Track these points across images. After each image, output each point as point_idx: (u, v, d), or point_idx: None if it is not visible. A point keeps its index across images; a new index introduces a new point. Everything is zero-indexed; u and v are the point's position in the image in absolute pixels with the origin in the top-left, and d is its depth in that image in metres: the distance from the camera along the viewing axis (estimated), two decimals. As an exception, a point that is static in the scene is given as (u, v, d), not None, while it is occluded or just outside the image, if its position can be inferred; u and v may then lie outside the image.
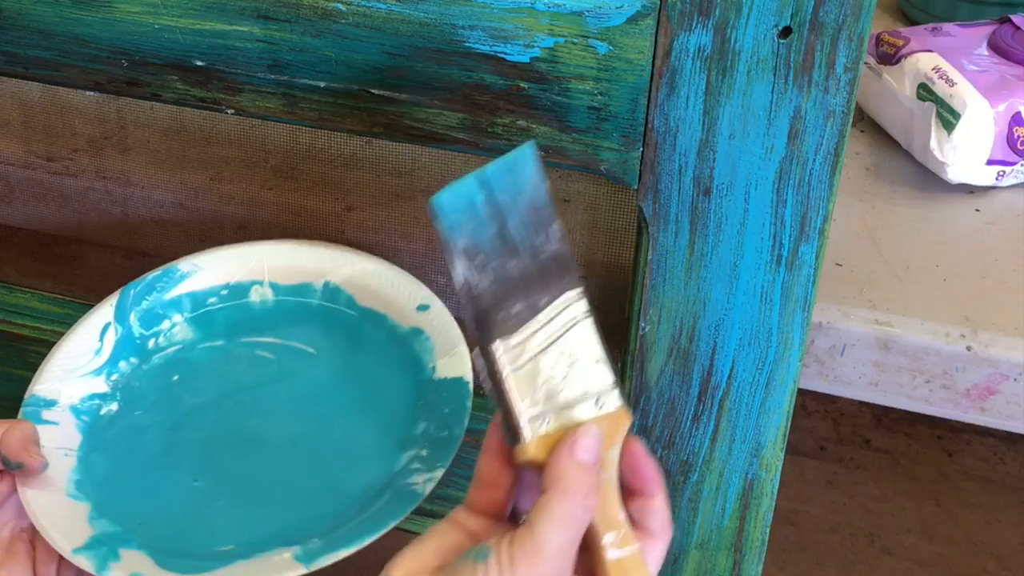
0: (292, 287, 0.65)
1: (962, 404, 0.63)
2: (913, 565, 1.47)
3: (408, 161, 0.75)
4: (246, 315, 0.65)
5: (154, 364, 0.63)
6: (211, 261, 0.66)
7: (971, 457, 1.61)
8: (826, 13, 0.49)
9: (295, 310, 0.65)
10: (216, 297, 0.65)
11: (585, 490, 0.43)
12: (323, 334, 0.64)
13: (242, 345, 0.64)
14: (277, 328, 0.64)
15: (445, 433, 0.58)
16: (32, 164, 0.80)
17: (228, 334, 0.64)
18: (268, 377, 0.62)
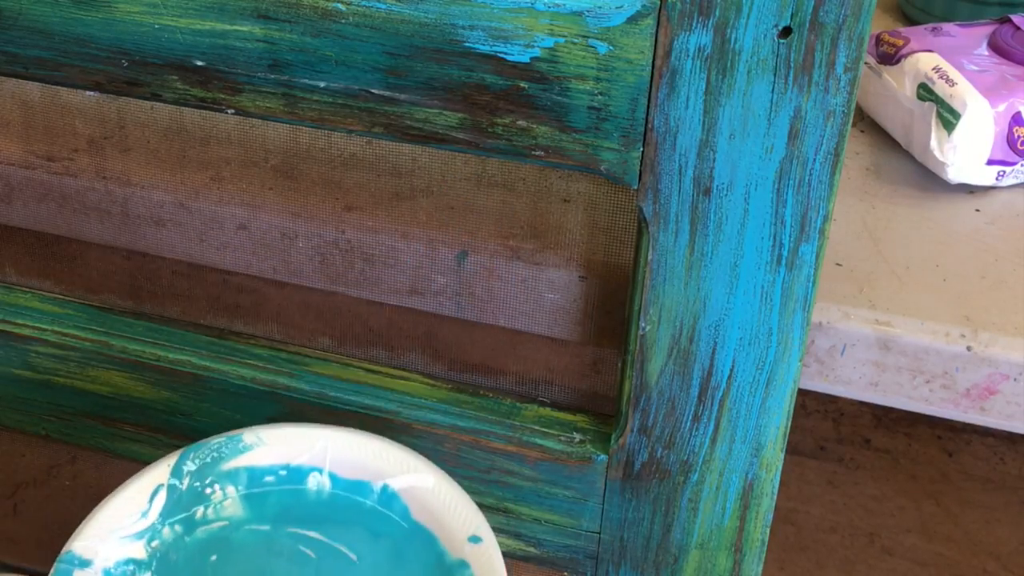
0: (350, 482, 0.63)
1: (962, 404, 0.63)
2: (913, 565, 1.47)
3: (408, 161, 0.75)
4: (299, 502, 0.63)
5: (197, 538, 0.61)
6: (276, 436, 0.63)
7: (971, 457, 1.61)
8: (826, 13, 0.49)
9: (348, 508, 0.62)
10: (274, 476, 0.63)
11: None
12: (370, 542, 0.61)
13: (287, 535, 0.62)
14: (326, 525, 0.62)
15: None
16: (32, 164, 0.80)
17: (276, 519, 0.62)
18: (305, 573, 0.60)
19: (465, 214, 0.73)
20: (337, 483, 0.63)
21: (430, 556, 0.60)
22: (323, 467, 0.63)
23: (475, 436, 0.68)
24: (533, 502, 0.69)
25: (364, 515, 0.62)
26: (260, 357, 0.73)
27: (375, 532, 0.61)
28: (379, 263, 0.73)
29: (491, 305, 0.72)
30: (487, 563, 0.58)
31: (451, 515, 0.60)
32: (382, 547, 0.61)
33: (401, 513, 0.61)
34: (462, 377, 0.78)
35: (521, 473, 0.68)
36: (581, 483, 0.67)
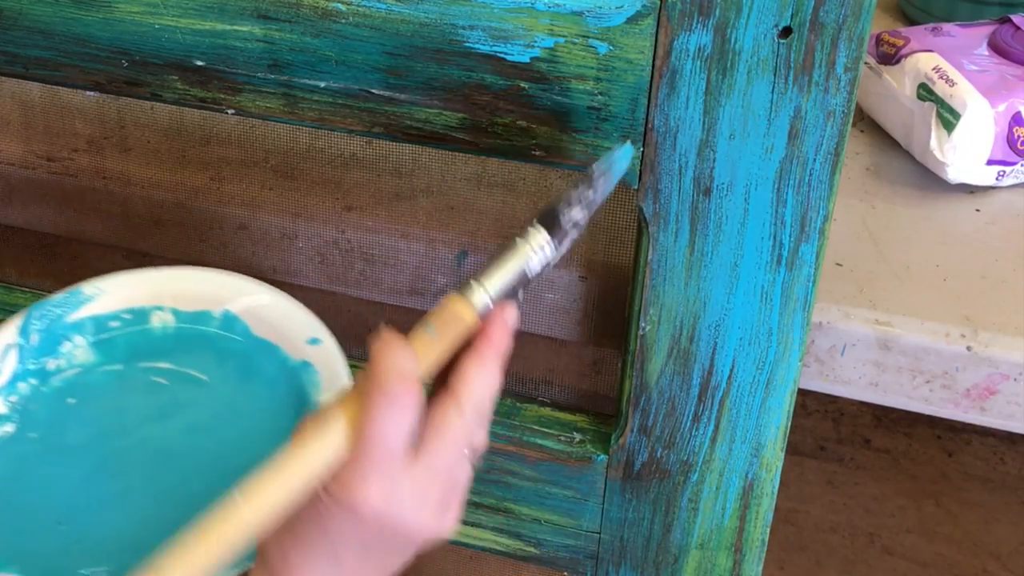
0: (192, 314, 0.66)
1: (962, 404, 0.63)
2: (913, 565, 1.47)
3: (408, 161, 0.75)
4: (146, 340, 0.66)
5: (53, 386, 0.64)
6: (115, 285, 0.67)
7: (971, 457, 1.61)
8: (826, 13, 0.49)
9: (193, 337, 0.66)
10: (118, 321, 0.66)
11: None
12: (218, 363, 0.65)
13: (139, 371, 0.65)
14: (174, 355, 0.65)
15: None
16: (32, 164, 0.80)
17: (127, 358, 0.65)
18: (160, 403, 0.63)
19: (465, 214, 0.73)
20: (180, 316, 0.66)
21: (274, 363, 0.64)
22: (164, 304, 0.66)
23: (475, 436, 0.68)
24: (533, 502, 0.69)
25: (209, 341, 0.66)
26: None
27: (221, 353, 0.65)
28: (379, 263, 0.73)
29: (491, 305, 0.72)
30: (327, 358, 0.63)
31: (290, 325, 0.65)
32: (230, 365, 0.64)
33: (243, 333, 0.65)
34: (462, 377, 0.78)
35: (521, 473, 0.68)
36: (581, 483, 0.67)
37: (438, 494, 0.46)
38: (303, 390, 0.62)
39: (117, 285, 0.66)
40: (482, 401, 0.47)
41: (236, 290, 0.66)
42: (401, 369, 0.45)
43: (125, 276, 0.67)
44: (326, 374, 0.62)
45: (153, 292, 0.66)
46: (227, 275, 0.67)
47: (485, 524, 0.71)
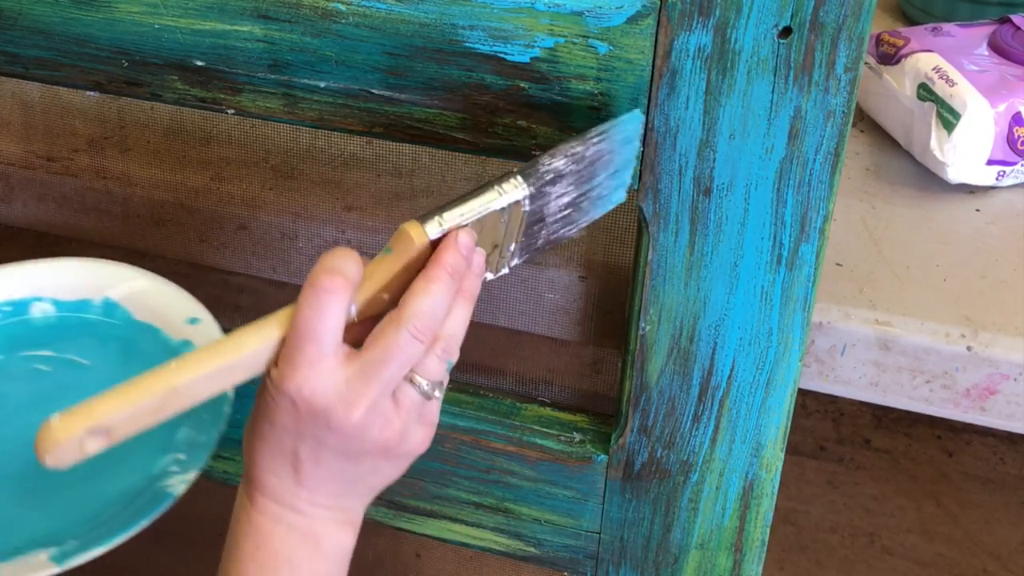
0: (72, 303, 0.67)
1: (962, 404, 0.63)
2: (913, 565, 1.47)
3: (408, 161, 0.75)
4: (26, 331, 0.66)
5: None
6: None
7: (971, 457, 1.61)
8: (826, 13, 0.49)
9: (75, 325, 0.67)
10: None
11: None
12: (99, 348, 0.66)
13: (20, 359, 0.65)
14: (56, 342, 0.66)
15: (203, 437, 0.59)
16: (32, 164, 0.80)
17: (8, 348, 0.66)
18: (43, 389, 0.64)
19: (465, 214, 0.73)
20: (60, 306, 0.67)
21: (155, 345, 0.65)
22: (44, 296, 0.67)
23: (475, 436, 0.68)
24: (533, 502, 0.69)
25: (91, 327, 0.66)
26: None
27: (103, 339, 0.66)
28: (379, 263, 0.73)
29: (491, 305, 0.72)
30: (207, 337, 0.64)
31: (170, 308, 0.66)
32: (111, 349, 0.65)
33: (124, 318, 0.66)
34: (462, 377, 0.78)
35: (521, 473, 0.68)
36: (581, 483, 0.67)
37: (373, 397, 0.48)
38: None
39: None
40: (428, 320, 0.48)
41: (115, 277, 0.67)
42: (331, 266, 0.48)
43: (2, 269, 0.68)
44: None
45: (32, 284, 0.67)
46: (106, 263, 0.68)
47: (485, 524, 0.71)
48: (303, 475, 0.50)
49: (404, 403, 0.49)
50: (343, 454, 0.49)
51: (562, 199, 0.52)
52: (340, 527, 0.52)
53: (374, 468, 0.51)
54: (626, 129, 0.53)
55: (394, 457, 0.50)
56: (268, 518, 0.51)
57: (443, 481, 0.70)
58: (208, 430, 0.59)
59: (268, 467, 0.50)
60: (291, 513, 0.51)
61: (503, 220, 0.51)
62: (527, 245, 0.52)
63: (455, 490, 0.70)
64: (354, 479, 0.51)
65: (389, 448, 0.49)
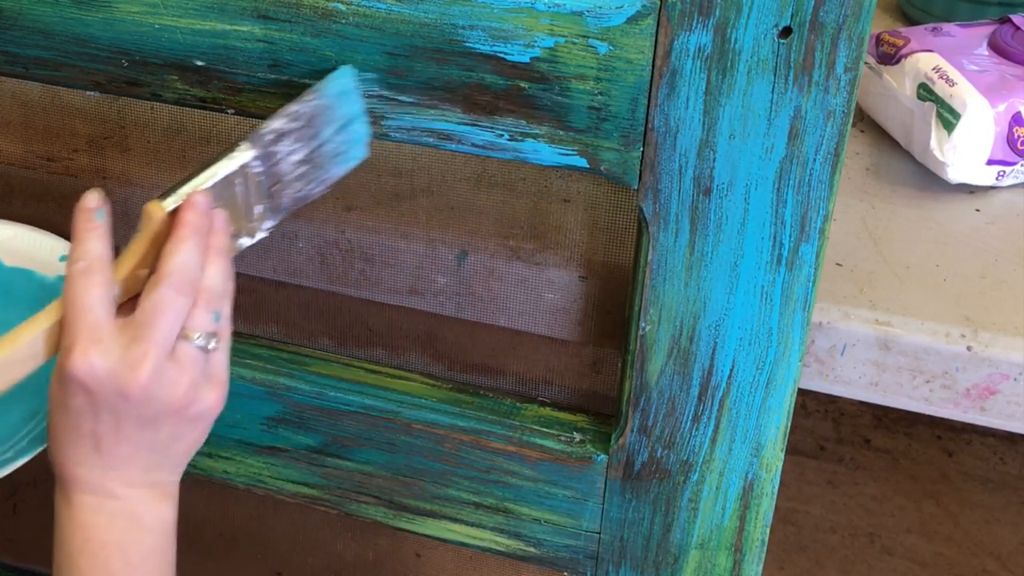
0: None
1: (962, 404, 0.63)
2: (913, 565, 1.47)
3: (408, 161, 0.75)
4: None
5: None
6: None
7: (971, 457, 1.61)
8: (826, 13, 0.49)
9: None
10: None
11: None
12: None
13: None
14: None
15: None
16: (32, 164, 0.80)
17: None
18: None
19: (465, 214, 0.73)
20: None
21: (31, 286, 0.68)
22: None
23: (475, 436, 0.68)
24: (533, 502, 0.69)
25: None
26: (260, 357, 0.73)
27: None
28: (379, 263, 0.73)
29: (491, 305, 0.72)
30: None
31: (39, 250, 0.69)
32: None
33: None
34: (462, 377, 0.78)
35: (521, 473, 0.68)
36: (581, 483, 0.67)
37: (153, 359, 0.50)
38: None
39: None
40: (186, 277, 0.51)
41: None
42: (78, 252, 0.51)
43: None
44: None
45: None
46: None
47: (485, 524, 0.71)
48: (107, 455, 0.52)
49: (184, 360, 0.51)
50: (139, 421, 0.51)
51: (292, 156, 0.55)
52: (158, 502, 0.54)
53: (175, 434, 0.53)
54: (339, 83, 0.56)
55: (190, 419, 0.52)
56: (88, 511, 0.53)
57: (443, 481, 0.70)
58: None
59: (73, 458, 0.52)
60: (108, 500, 0.53)
61: (239, 185, 0.54)
62: (274, 206, 0.56)
63: (455, 490, 0.70)
64: (158, 448, 0.53)
65: (182, 409, 0.52)
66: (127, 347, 0.50)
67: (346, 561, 0.91)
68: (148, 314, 0.50)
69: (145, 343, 0.50)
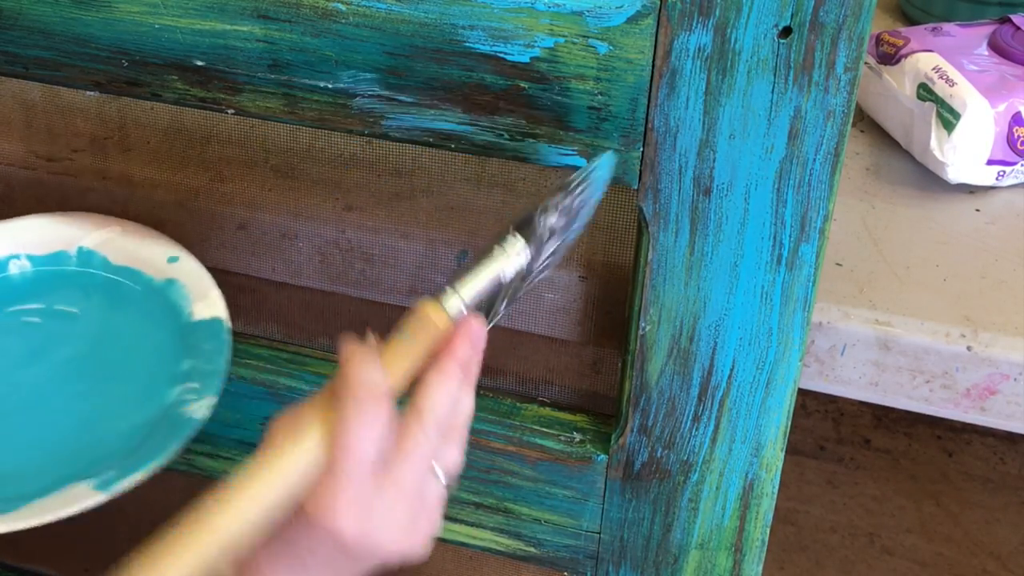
0: (48, 256, 0.69)
1: (962, 404, 0.63)
2: (913, 565, 1.47)
3: (408, 161, 0.75)
4: (7, 287, 0.68)
5: None
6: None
7: (971, 457, 1.61)
8: (826, 13, 0.49)
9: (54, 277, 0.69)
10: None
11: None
12: (83, 295, 0.68)
13: (9, 315, 0.67)
14: (39, 295, 0.68)
15: (211, 366, 0.62)
16: (32, 164, 0.80)
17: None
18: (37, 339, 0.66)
19: (465, 214, 0.73)
20: (36, 260, 0.69)
21: (139, 286, 0.67)
22: (19, 252, 0.69)
23: (475, 436, 0.68)
24: (533, 502, 0.69)
25: (71, 278, 0.69)
26: (260, 357, 0.73)
27: (85, 287, 0.68)
28: (379, 263, 0.73)
29: (491, 305, 0.72)
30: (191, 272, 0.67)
31: (147, 249, 0.68)
32: (96, 296, 0.68)
33: (102, 265, 0.68)
34: (462, 377, 0.78)
35: (521, 473, 0.68)
36: (581, 483, 0.67)
37: (406, 511, 0.47)
38: (173, 304, 0.66)
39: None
40: (445, 416, 0.48)
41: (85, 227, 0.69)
42: (372, 382, 0.46)
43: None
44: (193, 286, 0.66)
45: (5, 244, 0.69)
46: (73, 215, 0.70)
47: (485, 524, 0.71)
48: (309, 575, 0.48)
49: (431, 503, 0.49)
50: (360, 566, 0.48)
51: (549, 250, 0.53)
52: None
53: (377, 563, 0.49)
54: (605, 174, 0.53)
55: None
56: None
57: (443, 481, 0.70)
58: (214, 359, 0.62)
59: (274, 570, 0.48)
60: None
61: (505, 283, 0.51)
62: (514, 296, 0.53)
63: (455, 490, 0.70)
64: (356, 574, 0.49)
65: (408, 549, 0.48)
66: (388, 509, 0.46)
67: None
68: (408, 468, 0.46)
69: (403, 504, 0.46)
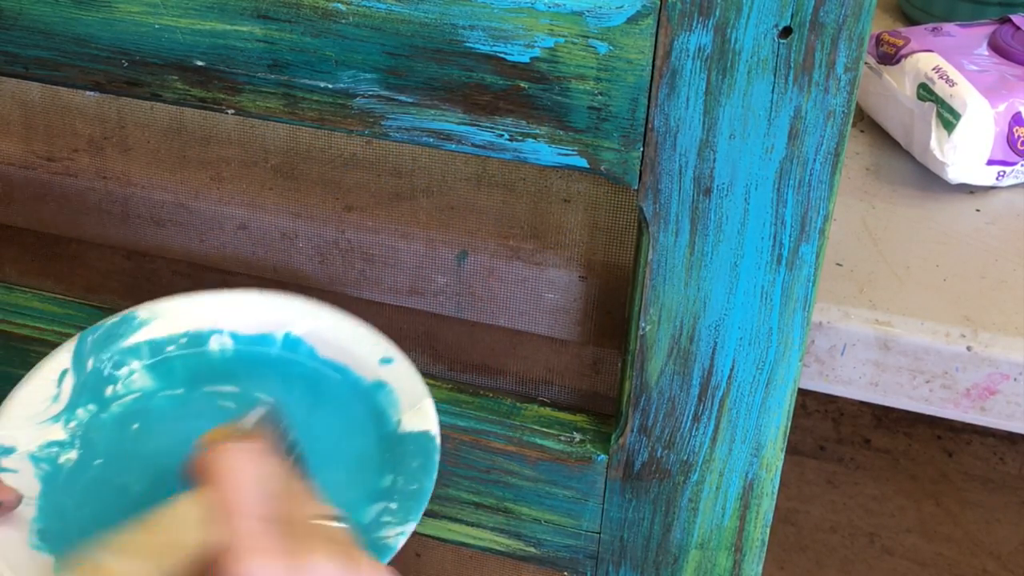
0: (252, 337, 0.64)
1: (962, 404, 0.63)
2: (913, 565, 1.47)
3: (408, 161, 0.75)
4: (206, 364, 0.63)
5: (113, 412, 0.61)
6: (170, 309, 0.64)
7: (971, 457, 1.61)
8: (826, 13, 0.49)
9: (255, 360, 0.64)
10: (175, 345, 0.64)
11: None
12: (284, 385, 0.63)
13: (203, 395, 0.62)
14: (237, 378, 0.63)
15: (415, 486, 0.57)
16: (32, 164, 0.80)
17: (188, 383, 0.63)
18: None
19: (465, 214, 0.73)
20: (239, 340, 0.64)
21: (346, 385, 0.62)
22: (223, 328, 0.64)
23: (475, 436, 0.68)
24: (533, 502, 0.69)
25: (273, 364, 0.63)
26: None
27: (287, 376, 0.63)
28: (379, 263, 0.73)
29: (491, 305, 0.72)
30: (403, 377, 0.61)
31: (358, 346, 0.63)
32: (297, 388, 0.62)
33: (308, 354, 0.63)
34: (462, 377, 0.78)
35: (521, 473, 0.68)
36: (581, 483, 0.67)
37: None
38: (380, 410, 0.61)
39: (172, 309, 0.64)
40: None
41: (297, 312, 0.64)
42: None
43: (180, 300, 0.65)
44: (403, 393, 0.61)
45: (210, 316, 0.64)
46: (286, 297, 0.65)
47: (485, 524, 0.71)
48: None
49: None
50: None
51: None
52: None
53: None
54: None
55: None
56: None
57: (443, 481, 0.70)
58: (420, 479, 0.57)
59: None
60: None
61: None
62: None
63: (455, 490, 0.70)
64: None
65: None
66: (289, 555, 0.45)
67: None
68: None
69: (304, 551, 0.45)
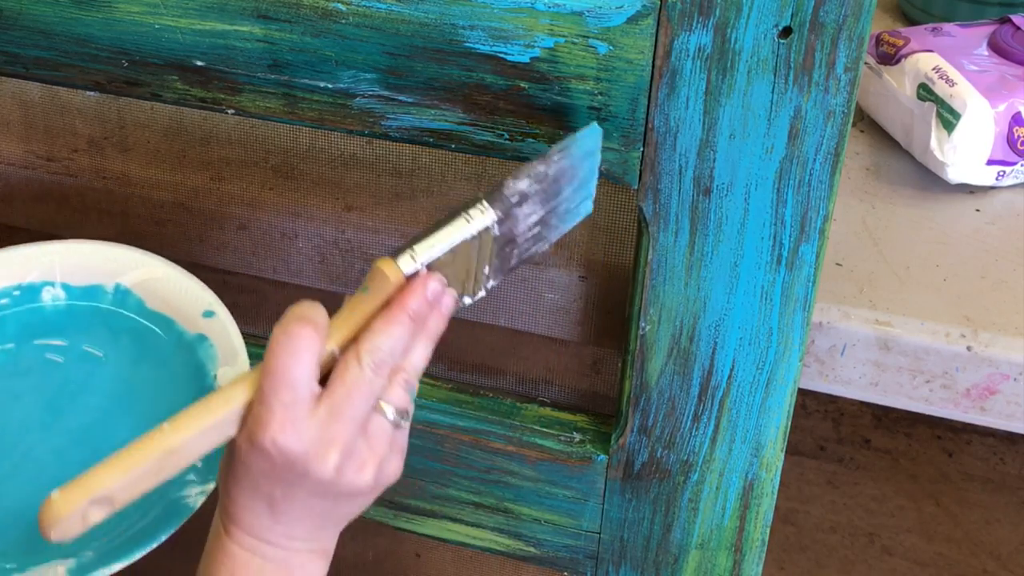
0: (84, 289, 0.65)
1: (962, 404, 0.63)
2: (913, 565, 1.47)
3: (408, 161, 0.75)
4: (38, 317, 0.64)
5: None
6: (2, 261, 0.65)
7: (971, 457, 1.61)
8: (826, 13, 0.49)
9: (86, 313, 0.65)
10: (8, 299, 0.64)
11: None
12: (112, 338, 0.64)
13: (33, 348, 0.63)
14: (68, 331, 0.64)
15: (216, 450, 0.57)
16: (32, 164, 0.80)
17: (19, 337, 0.64)
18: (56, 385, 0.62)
19: (465, 214, 0.73)
20: (72, 292, 0.65)
21: (170, 337, 0.63)
22: (55, 280, 0.65)
23: (475, 436, 0.68)
24: (533, 502, 0.69)
25: (103, 316, 0.64)
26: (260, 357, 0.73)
27: (115, 329, 0.64)
28: (379, 263, 0.73)
29: (491, 305, 0.72)
30: (222, 332, 0.62)
31: (184, 298, 0.64)
32: (124, 340, 0.63)
33: (136, 307, 0.64)
34: (462, 377, 0.78)
35: (521, 473, 0.68)
36: (581, 483, 0.67)
37: (345, 440, 0.48)
38: (200, 364, 0.62)
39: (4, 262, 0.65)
40: (387, 356, 0.49)
41: (129, 263, 0.65)
42: (300, 313, 0.48)
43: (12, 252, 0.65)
44: (222, 347, 0.62)
45: (42, 267, 0.65)
46: (119, 247, 0.66)
47: (485, 524, 0.71)
48: (279, 514, 0.51)
49: (376, 435, 0.50)
50: (320, 496, 0.50)
51: (531, 218, 0.53)
52: (313, 557, 0.53)
53: (351, 504, 0.52)
54: (586, 143, 0.53)
55: (369, 492, 0.51)
56: (244, 548, 0.52)
57: (443, 481, 0.70)
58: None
59: (244, 505, 0.51)
60: (266, 545, 0.51)
61: (474, 246, 0.51)
62: (501, 266, 0.53)
63: (455, 490, 0.70)
64: (330, 515, 0.52)
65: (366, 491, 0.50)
66: (322, 426, 0.48)
67: (345, 561, 0.91)
68: (344, 391, 0.48)
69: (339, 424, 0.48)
